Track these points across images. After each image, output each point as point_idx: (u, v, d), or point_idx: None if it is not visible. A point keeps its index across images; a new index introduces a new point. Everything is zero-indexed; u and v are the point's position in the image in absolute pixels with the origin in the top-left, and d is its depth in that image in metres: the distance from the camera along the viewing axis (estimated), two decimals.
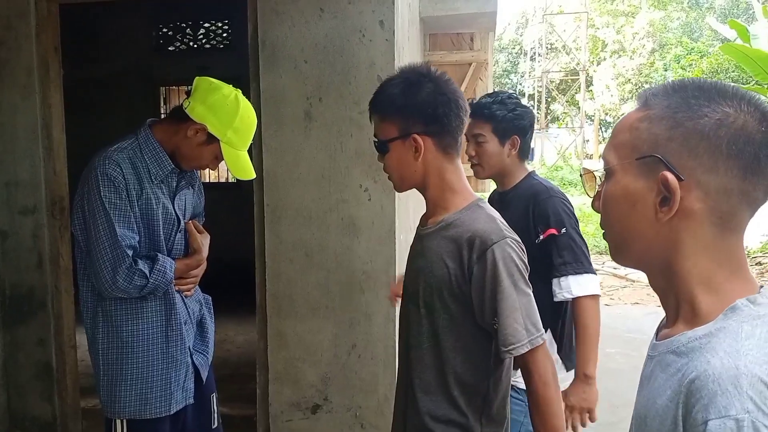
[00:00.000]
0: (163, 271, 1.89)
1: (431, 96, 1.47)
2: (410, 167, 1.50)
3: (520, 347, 1.40)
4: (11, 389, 3.11)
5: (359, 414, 2.85)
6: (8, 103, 2.96)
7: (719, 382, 0.71)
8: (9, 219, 3.01)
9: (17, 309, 3.06)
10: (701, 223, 0.80)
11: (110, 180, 1.84)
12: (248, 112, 1.98)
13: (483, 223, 1.45)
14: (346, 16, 2.68)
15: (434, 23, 5.19)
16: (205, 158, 1.98)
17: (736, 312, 0.77)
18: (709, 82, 0.82)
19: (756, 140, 0.77)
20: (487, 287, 1.41)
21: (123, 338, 1.93)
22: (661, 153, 0.80)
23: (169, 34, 7.07)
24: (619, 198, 0.85)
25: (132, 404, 1.94)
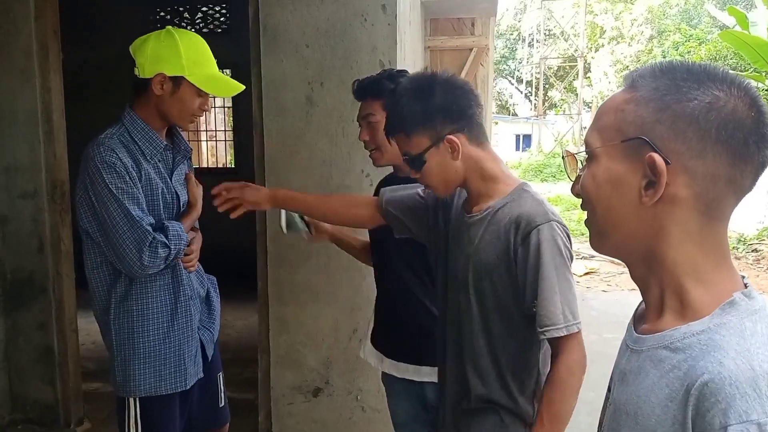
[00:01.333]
0: (178, 235, 1.89)
1: (448, 94, 1.48)
2: (451, 169, 1.50)
3: (556, 330, 1.40)
4: (12, 373, 3.12)
5: (360, 397, 2.88)
6: (7, 87, 2.94)
7: (737, 385, 0.68)
8: (9, 203, 3.00)
9: (18, 293, 3.07)
10: (687, 210, 0.77)
11: (111, 166, 1.82)
12: (188, 36, 1.94)
13: (529, 206, 1.45)
14: (347, 0, 2.67)
15: (435, 8, 5.17)
16: (188, 102, 1.91)
17: (735, 307, 0.75)
18: (698, 65, 0.79)
19: (746, 126, 0.75)
20: (530, 268, 1.42)
21: (134, 316, 1.93)
22: (648, 136, 0.77)
23: (167, 17, 7.01)
24: (602, 181, 0.82)
25: (147, 381, 1.94)
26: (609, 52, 30.44)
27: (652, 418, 0.76)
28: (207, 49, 1.97)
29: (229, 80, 1.98)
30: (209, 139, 8.36)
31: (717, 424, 0.68)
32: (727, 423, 0.67)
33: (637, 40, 29.86)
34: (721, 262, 0.79)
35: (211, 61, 1.96)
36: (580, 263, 8.34)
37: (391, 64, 2.67)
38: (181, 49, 1.87)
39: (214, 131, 8.37)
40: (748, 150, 0.75)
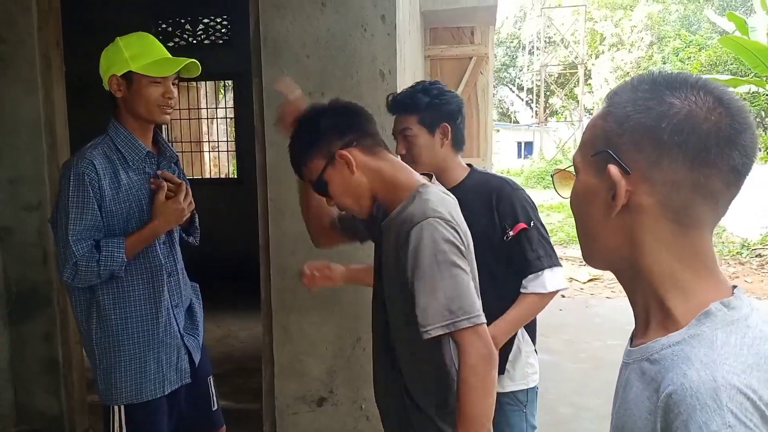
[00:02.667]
0: (111, 255, 1.90)
1: (330, 116, 1.55)
2: (353, 184, 1.53)
3: (435, 329, 1.36)
4: (18, 384, 3.13)
5: (364, 406, 2.87)
6: (11, 99, 2.97)
7: (697, 396, 0.68)
8: (14, 215, 3.02)
9: (23, 305, 3.08)
10: (655, 219, 0.78)
11: (79, 177, 1.89)
12: (129, 36, 2.02)
13: (412, 207, 1.45)
14: (347, 11, 2.69)
15: (434, 17, 5.20)
16: (149, 94, 1.96)
17: (710, 317, 0.74)
18: (665, 75, 0.80)
19: (702, 130, 0.74)
20: (409, 268, 1.40)
21: (114, 327, 1.98)
22: (612, 148, 0.79)
23: (169, 29, 7.06)
24: (579, 195, 0.85)
25: (128, 390, 2.00)
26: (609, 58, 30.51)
27: (629, 421, 0.77)
28: (150, 39, 2.04)
29: (176, 59, 2.00)
30: (211, 149, 8.39)
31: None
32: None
33: (637, 47, 29.93)
34: (700, 270, 0.79)
35: (154, 49, 2.01)
36: (584, 269, 8.33)
37: (391, 73, 2.69)
38: (122, 48, 1.96)
39: (216, 142, 8.40)
40: (709, 153, 0.74)
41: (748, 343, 0.72)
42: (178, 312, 2.11)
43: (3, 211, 3.03)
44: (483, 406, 1.39)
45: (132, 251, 1.94)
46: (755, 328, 0.75)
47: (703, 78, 0.79)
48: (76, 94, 3.74)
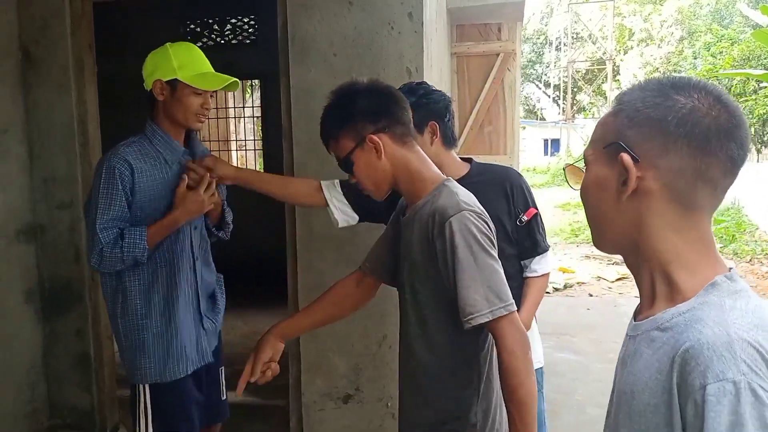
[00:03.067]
0: (134, 242, 2.01)
1: (367, 98, 1.56)
2: (378, 169, 1.56)
3: (479, 317, 1.41)
4: (51, 380, 3.20)
5: (390, 404, 2.88)
6: (45, 101, 3.03)
7: (714, 348, 0.76)
8: (47, 213, 3.09)
9: (56, 301, 3.14)
10: (661, 202, 0.87)
11: (111, 172, 2.01)
12: (179, 45, 2.12)
13: (443, 200, 1.48)
14: (374, 9, 2.69)
15: (461, 14, 5.17)
16: (190, 102, 2.07)
17: (716, 287, 0.84)
18: (669, 78, 0.91)
19: (704, 123, 0.85)
20: (448, 260, 1.44)
21: (138, 310, 2.11)
22: (622, 140, 0.89)
23: (197, 30, 7.14)
24: (591, 185, 0.94)
25: (152, 370, 2.12)
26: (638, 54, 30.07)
27: (646, 392, 0.84)
28: (198, 52, 2.15)
29: (220, 75, 2.12)
30: (238, 148, 8.48)
31: (697, 384, 0.76)
32: (705, 382, 0.75)
33: (666, 42, 29.45)
34: (703, 250, 0.88)
35: (201, 62, 2.13)
36: (612, 269, 8.23)
37: (418, 71, 2.68)
38: (171, 56, 2.07)
39: (243, 141, 8.48)
40: (710, 144, 0.85)
41: (752, 309, 0.82)
42: (201, 295, 2.24)
43: (37, 210, 3.09)
44: (529, 386, 1.43)
45: (154, 239, 2.04)
46: (755, 298, 0.85)
47: (703, 80, 0.90)
48: (107, 94, 3.80)
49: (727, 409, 0.74)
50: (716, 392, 0.74)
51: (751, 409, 0.73)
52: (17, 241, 3.04)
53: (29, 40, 3.02)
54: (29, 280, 3.11)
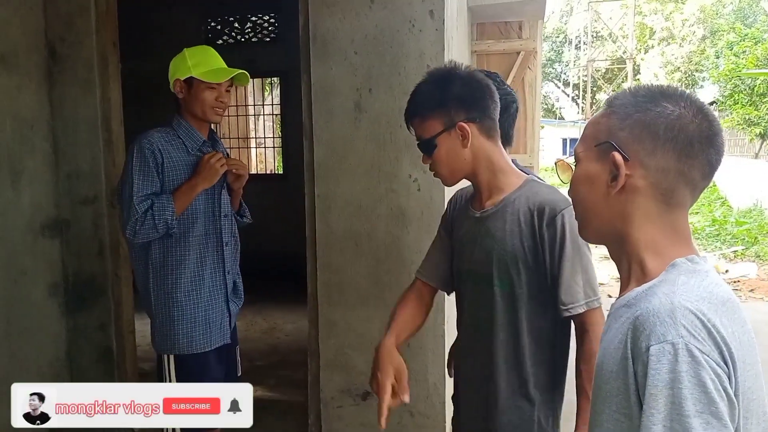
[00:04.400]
0: (162, 207, 2.20)
1: (466, 85, 1.55)
2: (460, 157, 1.56)
3: (578, 307, 1.49)
4: (74, 372, 3.24)
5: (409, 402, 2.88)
6: (70, 97, 3.07)
7: (657, 314, 0.86)
8: (71, 208, 3.13)
9: (79, 295, 3.19)
10: (646, 198, 0.96)
11: (141, 149, 2.22)
12: (194, 47, 2.37)
13: (547, 194, 1.55)
14: (396, 7, 2.69)
15: (482, 12, 5.15)
16: (205, 98, 2.28)
17: (676, 267, 0.93)
18: (658, 86, 1.00)
19: (689, 129, 0.94)
20: (556, 251, 1.50)
21: (168, 284, 2.30)
22: (613, 140, 0.98)
23: (218, 27, 7.19)
24: (581, 179, 1.03)
25: (180, 342, 2.31)
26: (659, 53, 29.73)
27: (609, 360, 0.94)
28: (211, 51, 2.38)
29: (229, 69, 2.33)
30: (257, 146, 8.52)
31: (643, 346, 0.86)
32: (649, 344, 0.85)
33: (688, 41, 29.08)
34: (676, 240, 0.98)
35: (213, 59, 2.34)
36: None
37: None
38: (186, 57, 2.30)
39: (262, 138, 8.53)
40: (693, 148, 0.94)
41: (705, 285, 0.90)
42: (228, 278, 2.42)
43: (62, 205, 3.14)
44: None
45: (179, 204, 2.23)
46: (713, 278, 0.93)
47: (687, 91, 1.00)
48: (130, 91, 3.85)
49: (666, 367, 0.83)
50: (657, 352, 0.84)
51: (688, 368, 0.82)
52: (42, 236, 3.09)
53: (55, 38, 3.06)
54: (54, 274, 3.16)
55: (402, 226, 2.80)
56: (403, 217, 2.79)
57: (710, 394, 0.81)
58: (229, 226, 2.44)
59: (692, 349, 0.83)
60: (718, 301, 0.89)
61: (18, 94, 2.96)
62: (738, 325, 0.90)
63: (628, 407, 0.89)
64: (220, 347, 2.41)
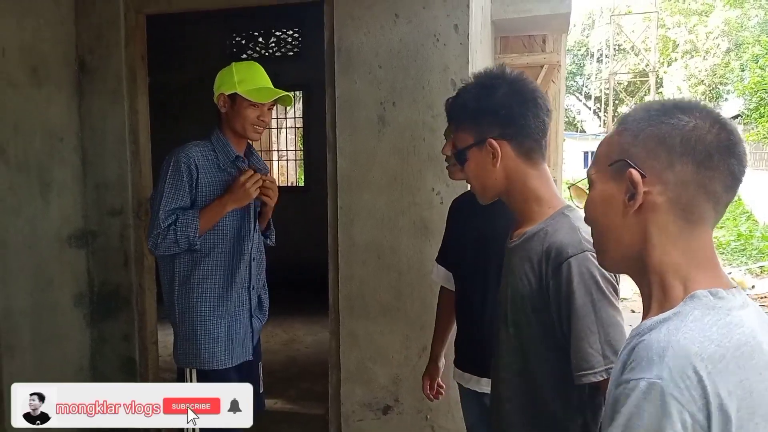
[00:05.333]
0: (186, 222, 2.19)
1: (505, 97, 1.39)
2: (490, 175, 1.42)
3: (593, 375, 1.26)
4: (97, 381, 3.27)
5: (429, 417, 2.86)
6: (98, 109, 3.13)
7: (648, 350, 0.82)
8: (98, 219, 3.18)
9: (104, 305, 3.22)
10: (666, 215, 0.90)
11: (177, 163, 2.21)
12: (243, 64, 2.33)
13: (563, 235, 1.33)
14: (420, 21, 2.71)
15: (506, 26, 5.15)
16: (247, 114, 2.25)
17: (694, 300, 0.86)
18: (672, 100, 0.95)
19: (706, 140, 0.89)
20: (563, 305, 1.29)
21: (193, 299, 2.28)
22: (628, 157, 0.92)
23: (242, 42, 7.28)
24: (597, 201, 0.98)
25: (202, 357, 2.29)
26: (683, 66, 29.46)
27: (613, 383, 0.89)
28: (258, 69, 2.34)
29: (274, 90, 2.30)
30: (279, 158, 8.59)
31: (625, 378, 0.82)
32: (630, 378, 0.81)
33: (712, 54, 28.78)
34: (702, 264, 0.91)
35: (259, 78, 2.31)
36: None
37: (462, 83, 2.67)
38: (233, 72, 2.27)
39: (285, 151, 8.59)
40: (712, 160, 0.89)
41: (721, 325, 0.83)
42: (253, 294, 2.40)
43: (89, 216, 3.19)
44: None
45: (205, 221, 2.22)
46: (734, 317, 0.85)
47: (703, 102, 0.96)
48: (156, 104, 3.91)
49: (633, 401, 0.79)
50: (630, 387, 0.80)
51: (654, 410, 0.77)
52: (69, 246, 3.14)
53: (85, 50, 3.13)
54: (79, 284, 3.20)
55: (425, 239, 2.79)
56: (425, 230, 2.79)
57: None
58: (258, 243, 2.42)
59: (666, 394, 0.77)
60: (732, 345, 0.81)
61: (48, 106, 3.02)
62: (753, 373, 0.81)
63: None
64: (242, 363, 2.38)
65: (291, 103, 2.41)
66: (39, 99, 2.98)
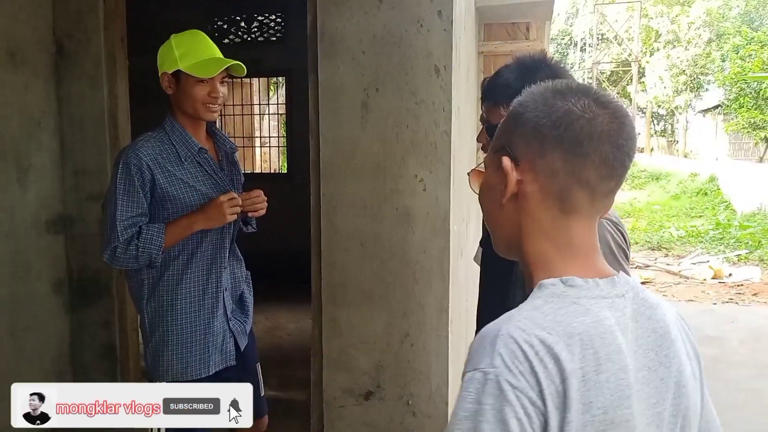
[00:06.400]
0: (150, 239, 1.99)
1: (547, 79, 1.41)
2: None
3: None
4: (77, 369, 3.25)
5: (411, 402, 2.88)
6: (77, 94, 3.08)
7: (481, 340, 0.81)
8: (77, 205, 3.13)
9: (84, 292, 3.19)
10: (537, 204, 0.89)
11: (127, 168, 1.99)
12: (181, 35, 2.08)
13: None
14: (404, 7, 2.69)
15: (490, 13, 5.15)
16: (195, 93, 2.03)
17: (540, 289, 0.86)
18: (554, 84, 0.91)
19: (577, 125, 0.85)
20: None
21: (164, 305, 2.10)
22: (508, 144, 0.91)
23: (225, 27, 7.20)
24: (483, 187, 0.97)
25: (174, 368, 2.11)
26: (665, 56, 29.65)
27: None
28: (201, 38, 2.09)
29: (221, 60, 2.05)
30: (262, 145, 8.53)
31: (462, 371, 0.81)
32: (465, 370, 0.81)
33: (694, 44, 29.00)
34: (570, 254, 0.89)
35: (203, 49, 2.06)
36: (635, 273, 8.14)
37: (446, 69, 2.68)
38: (173, 47, 2.04)
39: (267, 137, 8.53)
40: (582, 146, 0.86)
41: (562, 313, 0.82)
42: (227, 296, 2.22)
43: (67, 201, 3.14)
44: None
45: (170, 238, 2.02)
46: (581, 306, 0.83)
47: (591, 87, 0.91)
48: (137, 88, 3.85)
49: (472, 396, 0.77)
50: (468, 379, 0.79)
51: (493, 401, 0.76)
52: (47, 232, 3.09)
53: (63, 34, 3.07)
54: (58, 270, 3.16)
55: (407, 227, 2.79)
56: (408, 218, 2.79)
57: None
58: (234, 249, 2.27)
59: (502, 381, 0.76)
60: (567, 334, 0.80)
61: (25, 91, 2.96)
62: (592, 363, 0.79)
63: None
64: (223, 370, 2.21)
65: (244, 72, 2.14)
66: (16, 84, 2.92)
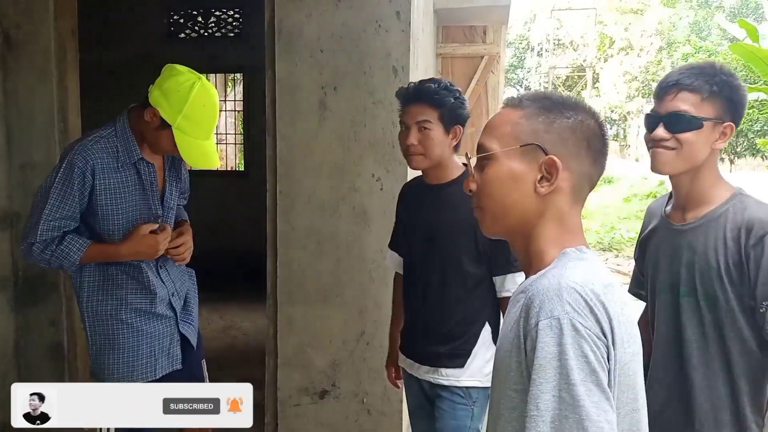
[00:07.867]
0: (67, 252, 1.96)
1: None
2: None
3: None
4: (23, 369, 3.15)
5: (366, 400, 2.89)
6: (25, 87, 2.98)
7: (546, 293, 0.95)
8: (23, 201, 3.03)
9: (30, 290, 3.09)
10: (565, 198, 1.05)
11: (71, 168, 1.93)
12: (202, 101, 1.96)
13: (755, 210, 1.52)
14: (363, 6, 2.70)
15: (448, 15, 5.20)
16: (163, 144, 1.99)
17: (566, 255, 1.03)
18: (563, 94, 1.10)
19: (598, 138, 1.06)
20: (763, 271, 1.47)
21: (108, 307, 2.07)
22: (540, 142, 1.04)
23: (181, 21, 7.07)
24: (503, 177, 1.06)
25: (120, 370, 2.08)
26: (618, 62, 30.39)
27: (506, 341, 1.02)
28: (211, 120, 2.03)
29: (208, 155, 2.03)
30: (219, 142, 8.42)
31: (533, 322, 0.94)
32: (538, 319, 0.93)
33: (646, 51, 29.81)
34: (574, 232, 1.07)
35: (202, 131, 2.00)
36: None
37: (404, 70, 2.70)
38: (186, 105, 1.93)
39: (224, 134, 8.42)
40: (601, 155, 1.08)
41: (590, 269, 1.00)
42: (175, 300, 2.19)
43: (14, 197, 3.04)
44: None
45: (89, 259, 2.01)
46: (594, 264, 1.03)
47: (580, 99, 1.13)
48: (89, 82, 3.76)
49: (554, 340, 0.91)
50: (545, 327, 0.92)
51: (572, 340, 0.90)
52: None
53: (11, 24, 2.97)
54: (3, 268, 3.06)
55: (364, 225, 2.80)
56: (365, 216, 2.80)
57: (592, 364, 0.90)
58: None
59: (576, 323, 0.91)
60: (602, 284, 0.98)
61: None
62: (618, 306, 0.97)
63: (521, 382, 0.96)
64: (169, 374, 2.18)
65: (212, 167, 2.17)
66: None
